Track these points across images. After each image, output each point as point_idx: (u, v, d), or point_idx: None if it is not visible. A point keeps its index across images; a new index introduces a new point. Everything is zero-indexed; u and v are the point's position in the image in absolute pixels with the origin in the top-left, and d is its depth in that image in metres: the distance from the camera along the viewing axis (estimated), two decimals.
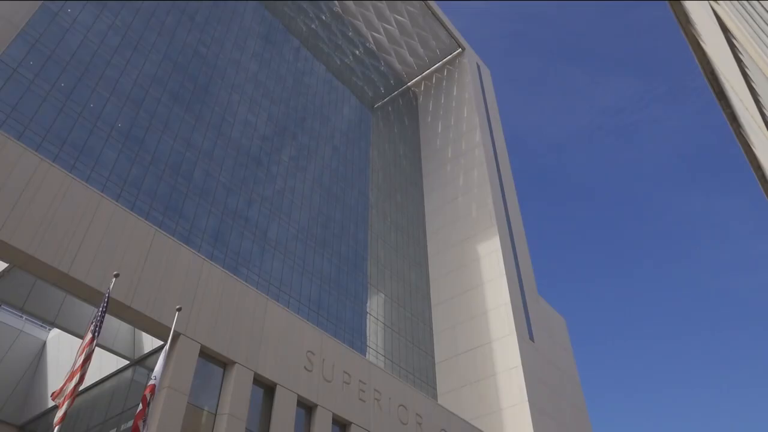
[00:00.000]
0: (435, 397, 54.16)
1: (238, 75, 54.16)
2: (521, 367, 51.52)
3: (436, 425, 28.54)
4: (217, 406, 20.47)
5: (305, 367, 23.81)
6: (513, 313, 55.56)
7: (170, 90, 45.49)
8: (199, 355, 20.35)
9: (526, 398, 49.29)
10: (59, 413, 14.08)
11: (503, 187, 70.38)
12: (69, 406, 14.12)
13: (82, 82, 38.64)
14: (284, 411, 22.14)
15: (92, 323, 15.24)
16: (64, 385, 14.35)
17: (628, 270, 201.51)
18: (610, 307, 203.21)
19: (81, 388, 14.91)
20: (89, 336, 15.06)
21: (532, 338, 56.36)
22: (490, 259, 60.96)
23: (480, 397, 52.41)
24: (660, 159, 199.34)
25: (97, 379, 22.80)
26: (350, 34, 79.31)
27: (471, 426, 31.89)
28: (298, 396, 22.98)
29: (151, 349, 21.67)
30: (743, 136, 25.24)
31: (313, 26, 71.96)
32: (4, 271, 18.11)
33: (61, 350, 25.10)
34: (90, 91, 38.83)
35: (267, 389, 22.44)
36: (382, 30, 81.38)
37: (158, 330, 19.51)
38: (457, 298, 61.03)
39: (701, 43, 25.49)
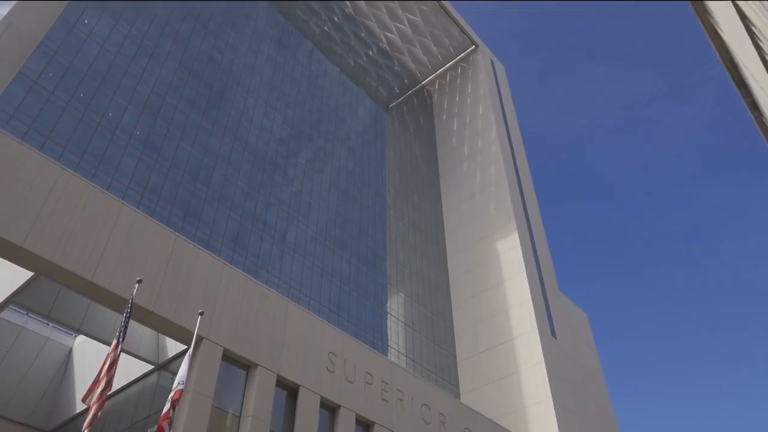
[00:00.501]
0: (458, 395, 54.00)
1: (253, 79, 54.50)
2: (544, 363, 51.14)
3: (459, 424, 28.45)
4: (241, 408, 20.62)
5: (327, 369, 23.89)
6: (534, 310, 55.18)
7: (186, 97, 45.94)
8: (222, 358, 20.52)
9: (550, 395, 48.91)
10: (88, 417, 14.29)
11: (521, 183, 69.93)
12: (98, 410, 14.32)
13: (100, 91, 39.18)
14: (308, 412, 22.23)
15: (118, 330, 15.45)
16: (92, 388, 14.54)
17: (650, 264, 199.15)
18: (633, 302, 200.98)
19: (108, 392, 15.10)
20: (114, 342, 15.28)
21: (554, 335, 55.93)
22: (510, 256, 60.60)
23: (503, 394, 52.13)
24: (679, 151, 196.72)
25: (123, 384, 23.10)
26: (363, 34, 79.42)
27: (495, 424, 31.74)
28: (321, 397, 23.06)
29: (175, 353, 21.90)
30: (765, 123, 24.80)
31: (325, 28, 72.18)
32: (29, 279, 18.43)
33: (87, 356, 25.47)
34: (108, 101, 39.36)
35: (290, 391, 22.56)
36: (394, 29, 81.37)
37: (181, 334, 19.70)
38: (478, 296, 60.77)
39: (719, 31, 25.09)
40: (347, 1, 78.30)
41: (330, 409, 23.62)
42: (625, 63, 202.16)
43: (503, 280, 59.55)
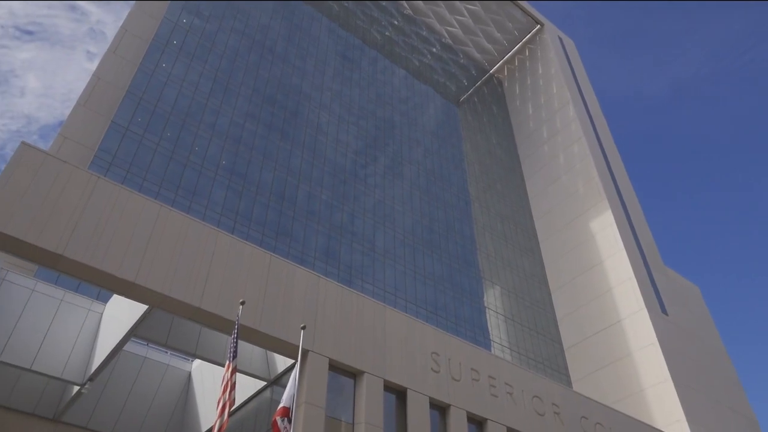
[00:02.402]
0: (569, 384, 52.45)
1: (324, 96, 55.75)
2: (658, 343, 48.73)
3: (574, 413, 27.60)
4: (353, 416, 21.04)
5: (432, 369, 23.91)
6: (640, 288, 52.74)
7: (264, 121, 47.68)
8: (329, 369, 21.02)
9: (669, 375, 46.50)
10: None
11: (607, 158, 67.17)
12: (221, 429, 15.06)
13: (185, 129, 41.45)
14: (418, 414, 22.34)
15: (229, 351, 16.23)
16: (220, 415, 15.26)
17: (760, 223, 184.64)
18: (747, 271, 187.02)
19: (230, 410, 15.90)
20: (227, 363, 16.05)
21: (665, 311, 53.16)
22: (606, 234, 58.31)
23: (618, 378, 50.10)
24: None
25: (240, 402, 24.23)
26: (424, 33, 79.26)
27: (613, 410, 30.52)
28: (430, 398, 23.09)
29: (284, 368, 22.71)
30: None
31: (387, 33, 72.68)
32: (145, 312, 19.73)
33: (205, 378, 26.92)
34: (193, 136, 41.57)
35: (398, 394, 22.76)
36: (455, 23, 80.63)
37: (287, 349, 20.38)
38: (577, 279, 58.86)
39: None
40: (404, 2, 78.47)
41: (440, 409, 23.61)
42: (707, 10, 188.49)
43: (602, 260, 57.35)
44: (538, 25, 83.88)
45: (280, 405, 15.71)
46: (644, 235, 60.65)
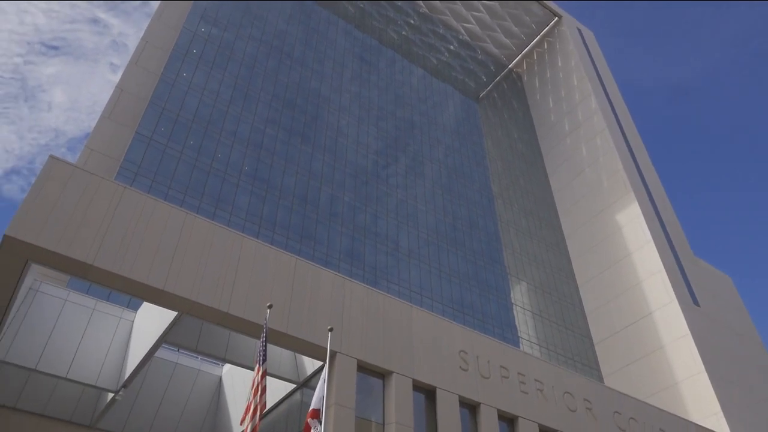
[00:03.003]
0: (600, 379, 51.80)
1: (343, 98, 55.93)
2: (690, 334, 47.87)
3: (607, 408, 27.25)
4: (383, 416, 21.06)
5: (461, 367, 23.81)
6: (670, 280, 51.88)
7: (284, 126, 48.01)
8: (358, 370, 21.08)
9: (703, 367, 45.65)
10: None
11: (631, 149, 66.21)
12: None
13: (207, 136, 41.94)
14: (448, 413, 22.27)
15: (258, 355, 16.38)
16: (247, 414, 15.46)
17: None
18: None
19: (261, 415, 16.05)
20: (257, 366, 16.21)
21: (696, 303, 52.19)
22: (633, 226, 57.48)
23: (650, 372, 49.34)
24: None
25: (270, 405, 24.44)
26: (441, 31, 79.03)
27: (646, 404, 30.04)
28: (459, 396, 23.01)
29: (313, 370, 22.84)
30: None
31: (403, 33, 72.63)
32: (175, 319, 20.01)
33: (236, 382, 27.20)
34: (215, 144, 42.03)
35: (427, 394, 22.72)
36: (471, 19, 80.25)
37: (315, 351, 20.49)
38: (605, 273, 58.12)
39: None
40: (420, 1, 78.33)
41: (470, 407, 23.51)
42: None
43: (630, 253, 56.53)
44: (556, 18, 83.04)
45: (311, 407, 15.80)
46: (673, 226, 59.63)
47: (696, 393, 45.39)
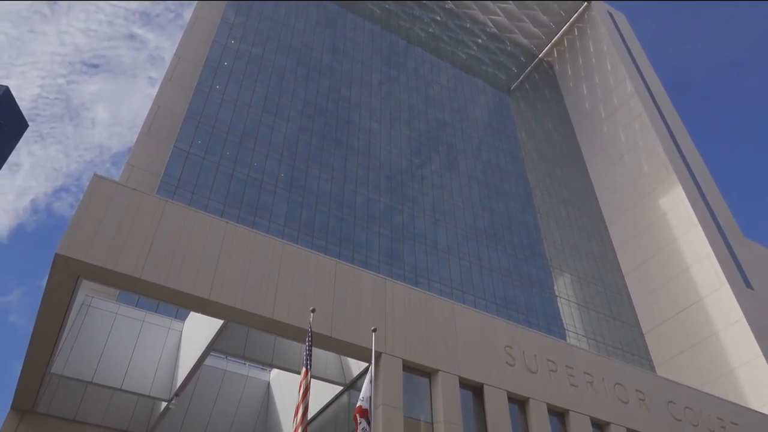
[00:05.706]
0: (652, 369, 50.57)
1: (373, 100, 56.08)
2: (745, 318, 46.32)
3: (661, 398, 26.58)
4: (431, 415, 21.02)
5: (507, 363, 23.59)
6: (719, 263, 50.30)
7: (317, 132, 48.43)
8: (403, 369, 21.10)
9: (760, 352, 44.11)
10: None
11: (672, 131, 64.45)
12: None
13: (243, 146, 42.63)
14: (497, 409, 22.09)
15: (303, 358, 16.59)
16: (296, 417, 15.66)
17: None
18: None
19: (308, 417, 16.23)
20: (303, 370, 16.40)
21: (749, 286, 50.48)
22: (678, 211, 55.95)
23: (704, 360, 47.95)
24: None
25: (318, 408, 24.66)
26: (468, 25, 78.47)
27: (702, 393, 29.20)
28: (507, 392, 22.79)
29: (359, 371, 22.96)
30: None
31: (430, 30, 72.40)
32: (221, 327, 20.40)
33: (284, 387, 27.55)
34: (251, 153, 42.69)
35: (474, 391, 22.58)
36: (498, 10, 79.42)
37: (360, 353, 20.59)
38: (651, 260, 56.73)
39: None
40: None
41: (518, 402, 23.26)
42: None
43: (675, 238, 55.06)
44: (585, 2, 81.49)
45: (358, 404, 15.96)
46: (720, 207, 57.81)
47: (754, 379, 43.88)
